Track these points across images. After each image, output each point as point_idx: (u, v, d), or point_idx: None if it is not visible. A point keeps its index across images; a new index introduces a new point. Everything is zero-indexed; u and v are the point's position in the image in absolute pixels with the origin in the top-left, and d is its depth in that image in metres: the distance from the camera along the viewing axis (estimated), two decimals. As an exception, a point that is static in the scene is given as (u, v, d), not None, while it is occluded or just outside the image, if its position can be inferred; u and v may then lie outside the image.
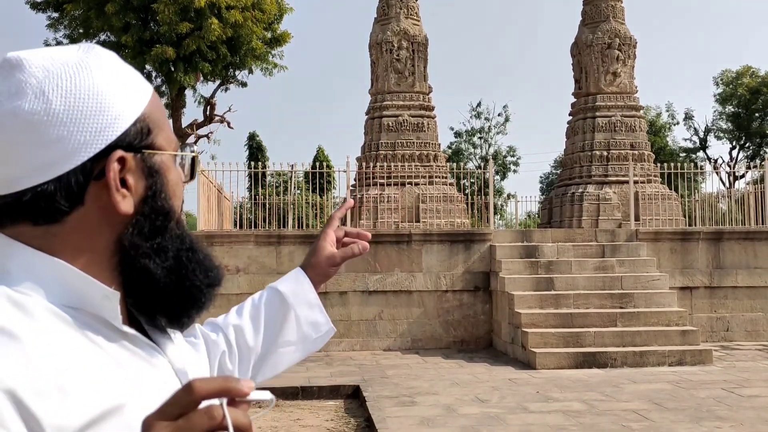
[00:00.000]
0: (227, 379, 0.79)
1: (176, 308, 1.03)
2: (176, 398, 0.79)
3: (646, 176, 17.96)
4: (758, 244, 14.34)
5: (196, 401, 0.78)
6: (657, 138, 41.11)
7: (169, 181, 1.02)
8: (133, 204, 0.97)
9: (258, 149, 42.88)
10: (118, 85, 0.98)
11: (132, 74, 1.01)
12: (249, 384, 0.80)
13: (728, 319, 14.17)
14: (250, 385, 0.80)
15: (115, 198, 0.95)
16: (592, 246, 13.90)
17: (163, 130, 1.02)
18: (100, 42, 22.71)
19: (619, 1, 19.00)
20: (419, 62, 18.15)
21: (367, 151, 18.14)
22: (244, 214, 18.13)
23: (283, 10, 23.23)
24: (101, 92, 0.95)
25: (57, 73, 0.94)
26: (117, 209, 0.96)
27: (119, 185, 0.96)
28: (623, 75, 18.62)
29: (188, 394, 0.78)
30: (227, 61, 22.39)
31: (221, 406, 0.78)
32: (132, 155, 0.97)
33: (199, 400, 0.78)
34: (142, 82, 1.03)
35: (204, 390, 0.78)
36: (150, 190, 0.99)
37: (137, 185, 0.98)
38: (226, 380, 0.79)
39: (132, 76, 1.01)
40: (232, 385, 0.79)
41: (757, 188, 16.93)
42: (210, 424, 0.77)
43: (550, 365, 11.12)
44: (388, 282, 13.77)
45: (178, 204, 1.05)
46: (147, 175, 0.99)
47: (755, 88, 42.31)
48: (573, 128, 19.20)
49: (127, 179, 0.97)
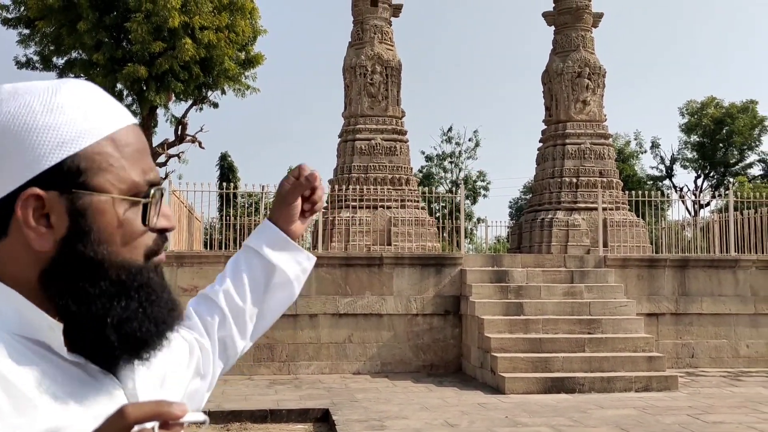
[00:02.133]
0: (159, 403, 0.81)
1: (111, 350, 0.98)
2: (108, 422, 0.81)
3: (615, 203, 18.22)
4: (722, 272, 14.60)
5: (127, 426, 0.80)
6: (625, 166, 41.73)
7: (103, 225, 0.97)
8: (52, 242, 0.96)
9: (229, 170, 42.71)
10: (57, 122, 0.97)
11: (90, 113, 0.99)
12: (182, 407, 0.82)
13: (693, 345, 14.37)
14: (182, 408, 0.82)
15: (27, 233, 0.95)
16: (561, 272, 14.04)
17: (109, 171, 0.98)
18: (70, 60, 22.56)
19: (589, 32, 19.36)
20: (392, 87, 18.30)
21: (340, 173, 18.19)
22: (215, 235, 18.03)
23: (257, 32, 23.29)
24: (32, 129, 0.95)
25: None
26: (32, 245, 0.95)
27: (31, 222, 0.95)
28: (593, 103, 18.94)
29: (120, 418, 0.80)
30: (200, 82, 22.35)
31: (152, 430, 0.80)
32: (56, 193, 0.95)
33: (131, 424, 0.80)
34: (102, 120, 1.00)
35: (135, 414, 0.80)
36: (71, 230, 0.96)
37: (59, 224, 0.96)
38: (159, 404, 0.81)
39: (88, 114, 0.99)
40: (164, 409, 0.81)
41: (722, 217, 17.26)
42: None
43: (519, 390, 11.18)
44: (359, 305, 13.76)
45: (121, 250, 0.99)
46: (70, 215, 0.96)
47: (719, 118, 43.20)
48: (543, 155, 19.44)
49: (51, 216, 0.96)
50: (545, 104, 19.81)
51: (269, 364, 13.44)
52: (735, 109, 43.24)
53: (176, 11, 20.09)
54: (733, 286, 14.57)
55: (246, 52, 23.28)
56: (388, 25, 18.75)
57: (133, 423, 0.80)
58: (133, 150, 1.02)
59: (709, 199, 35.40)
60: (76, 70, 22.32)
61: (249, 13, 22.40)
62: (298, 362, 13.42)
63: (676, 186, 46.05)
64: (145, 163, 1.03)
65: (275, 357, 13.52)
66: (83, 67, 22.09)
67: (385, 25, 18.67)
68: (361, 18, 18.59)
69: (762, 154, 44.66)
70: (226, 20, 21.51)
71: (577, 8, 19.19)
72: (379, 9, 18.61)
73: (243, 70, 23.34)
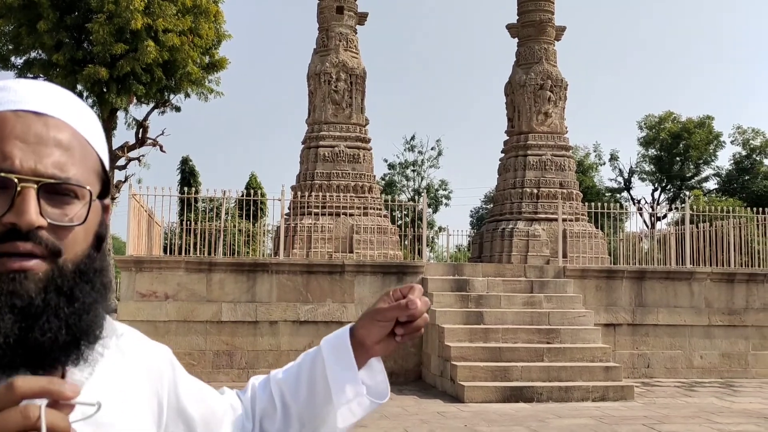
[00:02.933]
0: (51, 380, 0.80)
1: None
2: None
3: (574, 214, 18.46)
4: (678, 283, 14.88)
5: (14, 399, 0.78)
6: (585, 177, 42.32)
7: None
8: None
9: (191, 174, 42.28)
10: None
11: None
12: (73, 388, 0.80)
13: (649, 356, 14.60)
14: (74, 389, 0.80)
15: None
16: (521, 281, 14.17)
17: None
18: (30, 60, 22.18)
19: (551, 45, 19.62)
20: (357, 94, 18.32)
21: (303, 180, 18.14)
22: (174, 240, 17.83)
23: (221, 36, 23.16)
24: None
25: None
26: None
27: None
28: (554, 115, 19.18)
29: (8, 390, 0.78)
30: (162, 85, 22.14)
31: (39, 407, 0.77)
32: None
33: (18, 398, 0.78)
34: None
35: (24, 388, 0.78)
36: None
37: None
38: (50, 381, 0.79)
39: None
40: (55, 387, 0.79)
41: (678, 229, 17.59)
42: (23, 424, 0.77)
43: (478, 399, 11.24)
44: (320, 312, 13.72)
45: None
46: None
47: (676, 132, 44.07)
48: (505, 165, 19.62)
49: None
50: (508, 115, 20.01)
51: (228, 371, 13.32)
52: (692, 124, 44.16)
53: (139, 13, 19.88)
54: (689, 297, 14.86)
55: (210, 56, 23.14)
56: (353, 33, 18.78)
57: (20, 397, 0.78)
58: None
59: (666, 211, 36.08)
60: (35, 70, 21.95)
61: (213, 16, 22.27)
62: (258, 369, 13.32)
63: (634, 198, 46.87)
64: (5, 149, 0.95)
65: (234, 364, 13.40)
66: (42, 67, 21.74)
67: (351, 32, 18.70)
68: (327, 25, 18.60)
69: (717, 169, 45.69)
70: (190, 23, 21.35)
71: (540, 21, 19.44)
72: (345, 17, 18.63)
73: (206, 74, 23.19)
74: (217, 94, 23.84)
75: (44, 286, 0.94)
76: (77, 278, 0.97)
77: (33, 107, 0.99)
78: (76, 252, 0.98)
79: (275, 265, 13.91)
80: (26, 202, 0.93)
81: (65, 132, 1.00)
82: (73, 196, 0.98)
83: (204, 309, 13.43)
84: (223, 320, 13.49)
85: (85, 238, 1.00)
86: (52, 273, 0.95)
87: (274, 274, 13.74)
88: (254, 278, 13.66)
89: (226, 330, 13.49)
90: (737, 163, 44.42)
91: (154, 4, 20.53)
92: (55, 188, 0.96)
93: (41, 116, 0.99)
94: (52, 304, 0.93)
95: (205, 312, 13.42)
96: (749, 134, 44.11)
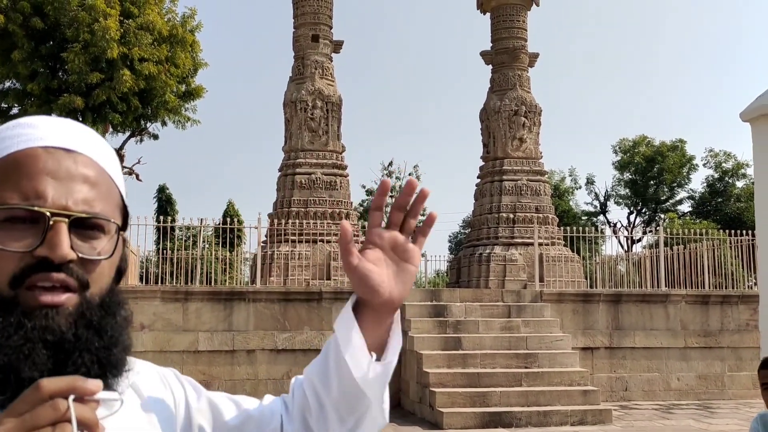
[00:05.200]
0: (75, 378, 0.84)
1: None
2: (25, 396, 0.83)
3: (551, 239, 18.59)
4: (653, 306, 15.00)
5: (42, 398, 0.82)
6: (561, 201, 42.65)
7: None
8: None
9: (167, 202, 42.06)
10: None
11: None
12: (96, 383, 0.85)
13: (627, 378, 14.67)
14: (97, 384, 0.85)
15: None
16: (499, 306, 14.22)
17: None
18: (4, 89, 22.06)
19: (525, 71, 19.88)
20: (333, 122, 18.41)
21: (280, 207, 18.13)
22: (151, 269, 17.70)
23: (197, 64, 23.18)
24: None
25: None
26: None
27: None
28: (529, 141, 19.38)
29: (35, 390, 0.83)
30: (138, 113, 22.08)
31: (68, 401, 0.83)
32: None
33: (46, 396, 0.82)
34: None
35: (50, 387, 0.83)
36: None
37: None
38: (74, 379, 0.84)
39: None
40: (79, 383, 0.84)
41: (653, 252, 17.76)
42: (54, 416, 0.81)
43: (457, 425, 11.21)
44: (298, 340, 13.66)
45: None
46: None
47: (650, 156, 44.61)
48: (481, 190, 19.76)
49: None
50: (483, 141, 20.19)
51: (205, 402, 13.19)
52: (665, 147, 44.74)
53: (115, 42, 19.87)
54: (664, 320, 14.98)
55: (186, 85, 23.13)
56: (328, 61, 18.91)
57: (47, 395, 0.82)
58: (21, 172, 1.00)
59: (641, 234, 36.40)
60: (10, 99, 21.82)
61: (190, 45, 22.29)
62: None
63: (610, 222, 47.26)
64: (29, 187, 0.99)
65: (211, 394, 13.27)
66: (17, 96, 21.62)
67: (326, 60, 18.83)
68: (302, 53, 18.72)
69: (691, 192, 46.25)
70: (166, 52, 21.36)
71: (513, 48, 19.71)
72: (320, 45, 18.78)
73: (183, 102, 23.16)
74: (194, 122, 23.80)
75: (74, 321, 0.97)
76: (103, 311, 1.01)
77: (63, 144, 1.04)
78: (101, 285, 1.02)
79: (252, 293, 13.85)
80: (58, 236, 0.96)
81: (92, 169, 1.05)
82: (100, 230, 1.02)
83: (180, 339, 13.32)
84: (200, 350, 13.38)
85: (109, 272, 1.05)
86: (81, 307, 0.98)
87: (252, 303, 13.67)
88: (231, 307, 13.59)
89: (203, 359, 13.38)
90: (710, 185, 45.01)
91: (130, 33, 20.54)
92: (84, 223, 1.00)
93: (71, 153, 1.04)
94: (83, 338, 0.97)
95: (181, 342, 13.31)
96: (721, 157, 44.76)
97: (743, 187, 42.53)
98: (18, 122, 1.07)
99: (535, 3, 20.19)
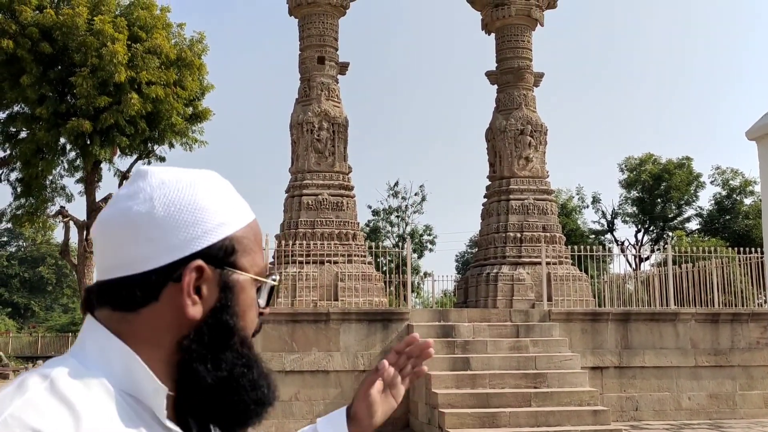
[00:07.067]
0: None
1: (222, 418, 1.08)
2: None
3: (558, 258, 18.54)
4: (663, 324, 14.91)
5: None
6: (568, 220, 42.57)
7: (241, 301, 1.11)
8: (201, 312, 1.06)
9: (174, 224, 42.15)
10: (217, 205, 1.09)
11: (236, 202, 1.14)
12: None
13: (637, 398, 14.55)
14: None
15: (185, 301, 1.04)
16: (507, 326, 14.16)
17: (249, 254, 1.11)
18: (12, 114, 22.24)
19: (530, 90, 19.93)
20: (339, 143, 18.47)
21: (287, 229, 18.15)
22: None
23: (204, 87, 23.33)
24: (200, 208, 1.07)
25: (168, 185, 1.06)
26: (185, 312, 1.04)
27: (192, 291, 1.04)
28: (535, 160, 19.39)
29: None
30: (146, 136, 22.20)
31: None
32: (212, 268, 1.06)
33: None
34: (243, 209, 1.14)
35: None
36: (219, 303, 1.07)
37: (209, 296, 1.07)
38: None
39: (235, 203, 1.13)
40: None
41: (661, 270, 17.69)
42: None
43: (466, 446, 11.13)
44: (305, 361, 13.62)
45: (247, 325, 1.12)
46: (221, 289, 1.07)
47: (657, 174, 44.54)
48: (488, 210, 19.75)
49: (202, 288, 1.06)
50: (489, 160, 20.21)
51: (213, 424, 13.14)
52: (672, 165, 44.67)
53: (123, 66, 20.03)
54: (674, 338, 14.88)
55: (193, 107, 23.27)
56: (334, 83, 19.00)
57: None
58: (259, 239, 1.16)
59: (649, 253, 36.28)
60: (18, 124, 21.99)
61: (197, 69, 22.45)
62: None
63: (617, 240, 47.11)
64: (262, 253, 1.17)
65: (219, 416, 13.23)
66: (26, 121, 21.78)
67: (332, 82, 18.93)
68: (308, 75, 18.82)
69: (698, 209, 46.12)
70: (174, 76, 21.51)
71: (518, 68, 19.78)
72: (326, 67, 18.88)
73: (190, 124, 23.29)
74: (201, 144, 23.93)
75: None
76: None
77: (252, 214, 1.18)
78: None
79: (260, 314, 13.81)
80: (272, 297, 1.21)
81: None
82: None
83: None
84: (208, 372, 13.34)
85: None
86: None
87: (259, 324, 13.64)
88: (239, 328, 13.56)
89: (211, 382, 13.34)
90: (718, 203, 44.86)
91: (137, 57, 20.70)
92: None
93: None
94: None
95: (189, 364, 13.28)
96: (728, 174, 44.66)
97: (751, 204, 42.36)
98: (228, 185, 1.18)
99: (539, 23, 20.30)
